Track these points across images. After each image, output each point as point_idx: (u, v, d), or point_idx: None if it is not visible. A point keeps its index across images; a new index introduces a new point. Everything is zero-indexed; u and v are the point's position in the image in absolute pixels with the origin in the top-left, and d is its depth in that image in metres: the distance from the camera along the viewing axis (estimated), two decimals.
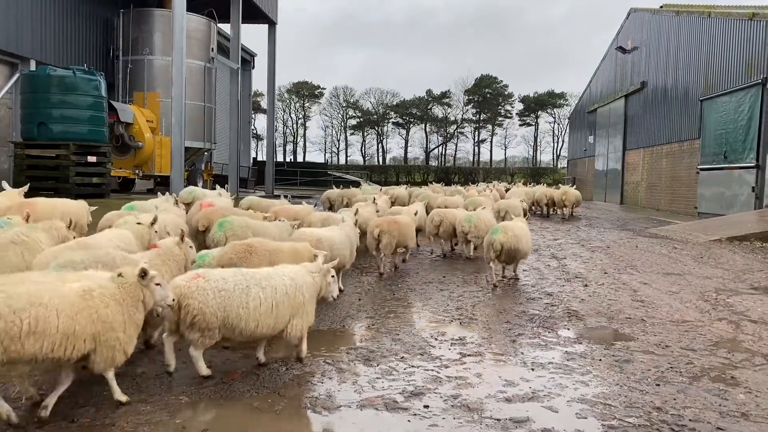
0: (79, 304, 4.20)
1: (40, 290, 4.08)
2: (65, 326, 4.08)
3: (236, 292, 5.04)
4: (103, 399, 4.77)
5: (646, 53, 32.66)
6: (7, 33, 20.75)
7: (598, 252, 14.03)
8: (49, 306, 4.03)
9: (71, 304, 4.16)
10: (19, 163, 18.13)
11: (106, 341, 4.34)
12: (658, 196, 29.88)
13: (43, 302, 4.02)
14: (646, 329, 7.35)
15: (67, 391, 4.52)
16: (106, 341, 4.34)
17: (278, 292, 5.23)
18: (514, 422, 4.62)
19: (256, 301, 5.09)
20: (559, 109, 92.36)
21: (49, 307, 4.03)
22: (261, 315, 5.10)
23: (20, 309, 3.90)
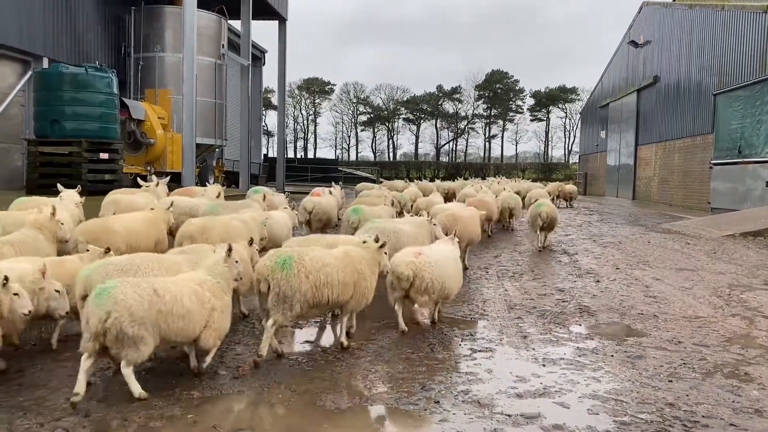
0: (345, 262, 5.87)
1: (324, 255, 5.81)
2: (342, 278, 5.76)
3: (443, 262, 6.82)
4: (117, 394, 4.80)
5: (659, 47, 32.38)
6: (20, 31, 20.90)
7: (610, 247, 13.95)
8: (332, 265, 5.72)
9: (343, 263, 5.86)
10: (33, 160, 18.25)
11: (360, 289, 5.98)
12: (671, 191, 29.67)
13: (328, 263, 5.72)
14: (659, 325, 7.30)
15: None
16: (360, 289, 5.98)
17: (455, 259, 7.19)
18: (525, 418, 4.61)
19: (454, 269, 7.03)
20: (571, 104, 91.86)
21: (332, 266, 5.72)
22: (452, 279, 6.92)
23: (317, 269, 5.59)
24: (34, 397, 4.72)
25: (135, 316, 4.47)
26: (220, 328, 5.10)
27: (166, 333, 4.68)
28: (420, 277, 6.48)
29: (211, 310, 5.00)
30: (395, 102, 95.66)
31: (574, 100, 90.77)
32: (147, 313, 4.52)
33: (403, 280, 6.51)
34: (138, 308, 4.50)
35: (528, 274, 10.53)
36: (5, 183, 20.56)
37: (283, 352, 5.90)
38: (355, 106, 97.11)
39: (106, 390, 4.89)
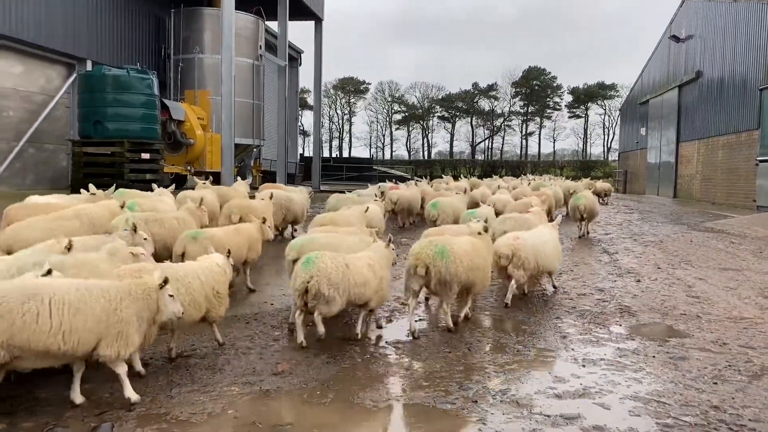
0: (475, 250, 6.89)
1: (464, 243, 6.87)
2: (477, 264, 6.82)
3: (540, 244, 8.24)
4: (158, 389, 4.91)
5: (701, 42, 31.59)
6: (65, 35, 21.49)
7: (651, 246, 13.68)
8: (472, 253, 6.84)
9: (474, 250, 6.86)
10: (77, 160, 18.75)
11: (486, 273, 7.13)
12: (714, 189, 28.92)
13: (469, 250, 6.79)
14: (702, 326, 7.14)
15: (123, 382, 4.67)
16: (486, 273, 7.13)
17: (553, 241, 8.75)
18: (565, 419, 4.55)
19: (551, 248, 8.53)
20: (610, 101, 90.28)
21: (472, 253, 6.84)
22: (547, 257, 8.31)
23: (465, 256, 6.71)
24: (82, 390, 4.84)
25: (331, 281, 5.79)
26: (385, 295, 6.55)
27: (350, 296, 5.96)
28: (517, 255, 7.85)
29: (381, 280, 6.26)
30: (430, 100, 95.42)
31: (613, 96, 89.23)
32: (340, 280, 5.83)
33: (503, 257, 7.85)
34: (334, 276, 5.80)
35: (567, 273, 10.40)
36: (51, 183, 21.17)
37: (305, 343, 5.95)
38: (390, 105, 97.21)
39: (148, 385, 4.99)
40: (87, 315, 4.30)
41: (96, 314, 4.34)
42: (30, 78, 21.18)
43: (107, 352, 4.41)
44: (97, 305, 4.37)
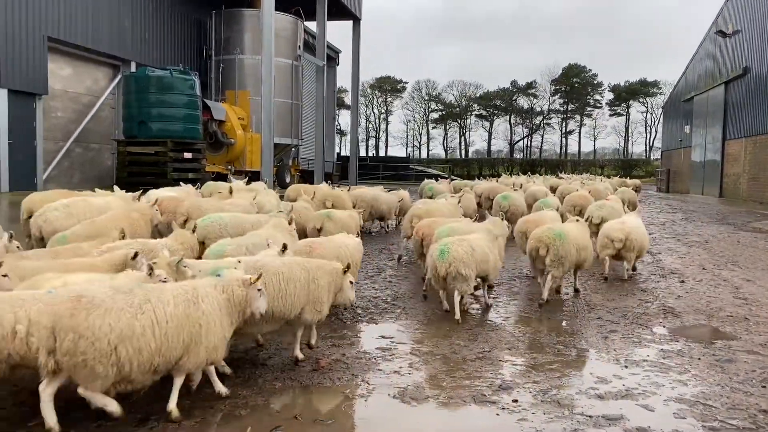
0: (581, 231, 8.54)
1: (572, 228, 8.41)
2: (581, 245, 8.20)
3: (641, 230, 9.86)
4: (203, 386, 5.01)
5: (749, 37, 30.67)
6: (110, 37, 22.08)
7: (695, 247, 13.37)
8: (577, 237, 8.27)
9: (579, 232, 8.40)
10: (122, 159, 19.26)
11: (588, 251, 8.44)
12: (762, 188, 28.06)
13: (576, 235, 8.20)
14: (750, 328, 6.95)
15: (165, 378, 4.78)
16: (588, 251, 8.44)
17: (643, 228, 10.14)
18: (607, 419, 4.50)
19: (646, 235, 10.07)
20: (652, 98, 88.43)
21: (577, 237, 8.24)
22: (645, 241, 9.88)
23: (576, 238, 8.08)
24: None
25: (465, 263, 6.98)
26: (498, 268, 7.75)
27: (478, 272, 7.22)
28: (629, 239, 9.20)
29: (496, 258, 7.54)
30: (467, 98, 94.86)
31: (655, 94, 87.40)
32: (470, 260, 7.04)
33: (616, 241, 9.19)
34: (467, 258, 7.01)
35: (608, 273, 10.24)
36: (96, 181, 21.78)
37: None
38: (427, 104, 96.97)
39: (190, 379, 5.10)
40: (297, 284, 5.26)
41: (302, 284, 5.29)
42: (77, 79, 21.83)
43: (308, 317, 5.38)
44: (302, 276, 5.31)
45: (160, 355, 4.04)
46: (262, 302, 4.72)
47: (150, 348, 3.98)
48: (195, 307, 4.28)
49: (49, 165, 20.49)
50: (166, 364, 4.14)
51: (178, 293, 4.28)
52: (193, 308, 4.27)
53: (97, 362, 3.79)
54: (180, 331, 4.13)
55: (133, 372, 3.94)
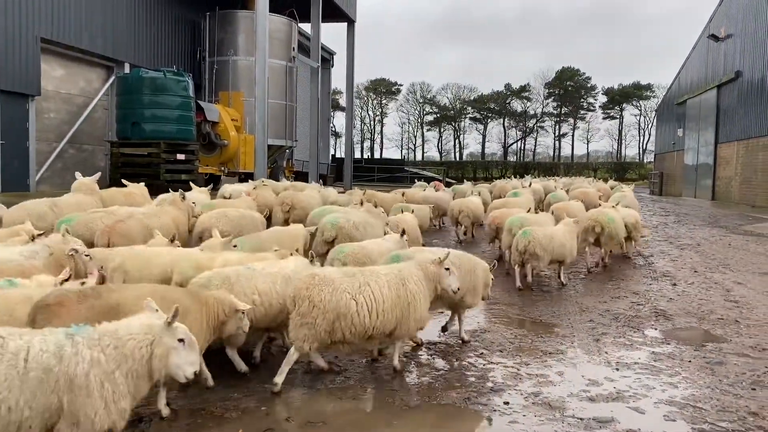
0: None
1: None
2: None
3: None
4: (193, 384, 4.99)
5: (741, 41, 30.84)
6: (104, 38, 22.01)
7: (687, 250, 13.42)
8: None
9: (619, 218, 10.74)
10: (115, 161, 19.18)
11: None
12: (754, 191, 28.20)
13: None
14: (741, 331, 6.99)
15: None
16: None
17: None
18: (598, 422, 4.51)
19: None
20: (646, 102, 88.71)
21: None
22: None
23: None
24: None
25: (542, 245, 8.68)
26: (574, 254, 9.41)
27: (553, 255, 8.88)
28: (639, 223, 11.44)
29: (572, 247, 9.27)
30: (462, 101, 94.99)
31: (648, 97, 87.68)
32: (548, 245, 8.74)
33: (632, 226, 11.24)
34: (545, 242, 8.72)
35: (601, 275, 10.28)
36: None
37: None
38: (422, 106, 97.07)
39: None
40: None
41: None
42: (70, 80, 21.75)
43: (469, 300, 6.28)
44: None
45: (375, 329, 4.98)
46: (452, 280, 5.45)
47: (365, 323, 4.91)
48: (404, 288, 5.15)
49: (42, 166, 20.40)
50: (381, 334, 5.12)
51: (390, 277, 5.16)
52: (402, 289, 5.14)
53: (319, 327, 4.77)
54: (393, 309, 5.05)
55: (347, 338, 4.93)
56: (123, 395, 3.31)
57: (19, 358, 3.10)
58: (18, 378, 3.06)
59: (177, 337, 3.50)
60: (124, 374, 3.31)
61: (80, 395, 3.15)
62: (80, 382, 3.15)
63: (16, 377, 3.06)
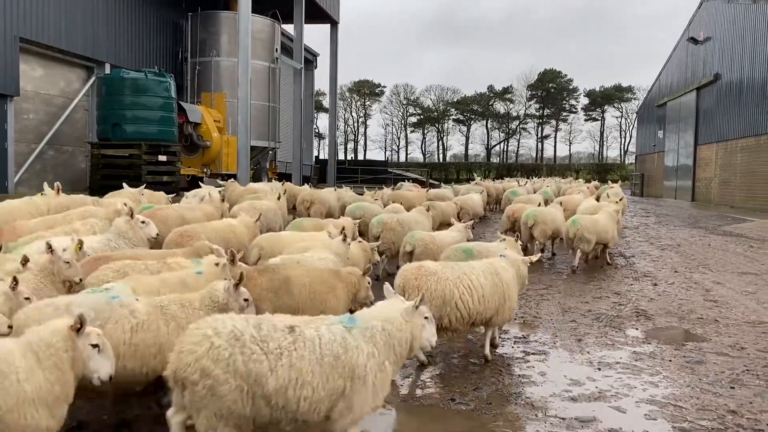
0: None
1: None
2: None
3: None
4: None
5: (720, 44, 31.28)
6: (84, 38, 21.77)
7: (668, 250, 13.57)
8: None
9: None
10: (95, 162, 18.97)
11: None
12: (733, 192, 28.60)
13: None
14: (720, 330, 7.07)
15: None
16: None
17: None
18: (580, 422, 4.54)
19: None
20: (627, 104, 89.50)
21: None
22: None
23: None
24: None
25: (590, 230, 10.29)
26: (616, 239, 11.23)
27: (599, 239, 10.49)
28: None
29: (613, 231, 10.91)
30: (445, 103, 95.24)
31: (630, 99, 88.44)
32: (595, 229, 10.36)
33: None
34: (591, 228, 10.33)
35: (582, 276, 10.35)
36: (70, 185, 21.32)
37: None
38: (405, 108, 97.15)
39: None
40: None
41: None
42: (50, 81, 21.48)
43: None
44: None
45: (478, 314, 5.59)
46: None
47: (467, 308, 5.53)
48: (498, 277, 5.77)
49: (21, 168, 20.12)
50: (482, 320, 5.73)
51: (484, 268, 5.81)
52: (497, 278, 5.76)
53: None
54: (492, 296, 5.65)
55: (453, 325, 5.55)
56: (386, 384, 3.71)
57: (315, 345, 3.48)
58: (317, 363, 3.43)
59: (423, 316, 4.02)
60: (391, 363, 3.73)
61: (358, 383, 3.51)
62: (360, 372, 3.53)
63: (316, 362, 3.43)
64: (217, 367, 3.23)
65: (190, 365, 3.26)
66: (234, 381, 3.24)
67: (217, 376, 3.23)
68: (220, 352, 3.27)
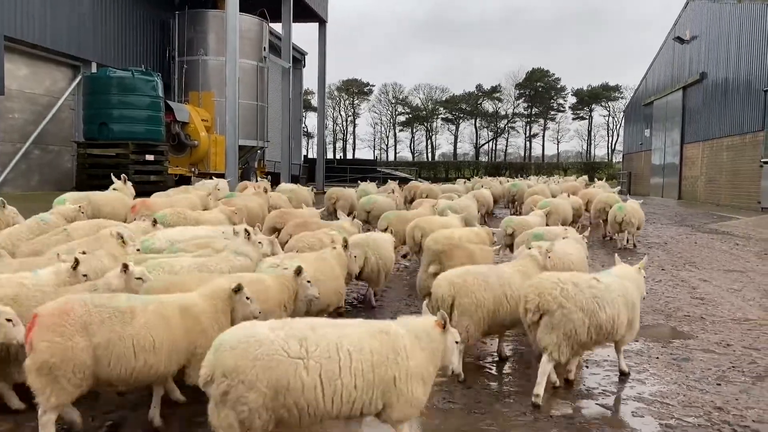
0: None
1: None
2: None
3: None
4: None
5: (706, 43, 31.55)
6: (70, 37, 21.57)
7: (655, 248, 13.66)
8: None
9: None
10: (82, 162, 18.81)
11: None
12: (719, 190, 28.87)
13: None
14: (706, 327, 7.13)
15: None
16: None
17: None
18: (567, 419, 4.56)
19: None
20: (614, 102, 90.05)
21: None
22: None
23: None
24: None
25: (636, 217, 13.03)
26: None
27: (638, 224, 13.17)
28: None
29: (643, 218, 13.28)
30: (434, 102, 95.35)
31: (617, 98, 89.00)
32: (638, 218, 13.08)
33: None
34: (637, 215, 13.04)
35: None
36: (56, 184, 21.23)
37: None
38: (394, 107, 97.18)
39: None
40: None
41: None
42: (35, 80, 21.27)
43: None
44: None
45: (612, 326, 5.11)
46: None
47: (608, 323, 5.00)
48: (626, 288, 5.48)
49: (6, 167, 19.91)
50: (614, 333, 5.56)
51: (610, 281, 5.48)
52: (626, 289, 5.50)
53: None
54: (625, 307, 5.30)
55: (594, 339, 5.05)
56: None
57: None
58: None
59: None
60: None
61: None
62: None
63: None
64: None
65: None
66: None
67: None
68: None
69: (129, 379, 3.95)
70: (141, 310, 4.02)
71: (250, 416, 3.30)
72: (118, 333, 3.87)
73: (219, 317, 4.33)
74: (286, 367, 3.32)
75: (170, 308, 4.16)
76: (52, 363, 3.68)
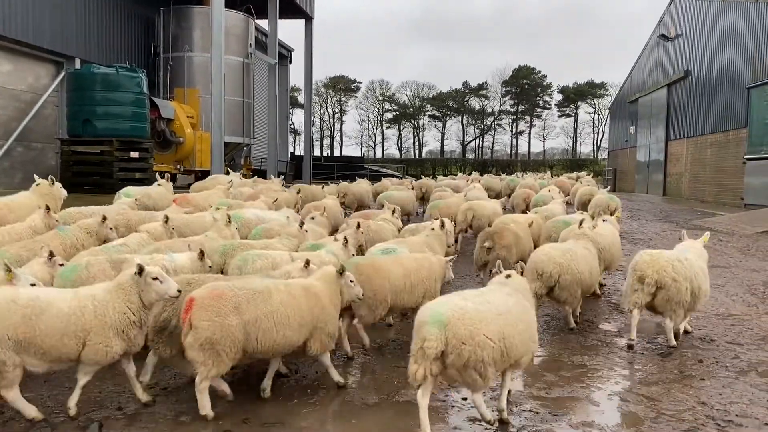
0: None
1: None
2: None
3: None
4: (148, 388, 4.89)
5: (690, 41, 31.77)
6: (53, 33, 21.33)
7: (640, 244, 13.74)
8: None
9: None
10: (66, 159, 18.63)
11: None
12: (703, 187, 29.12)
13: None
14: (690, 323, 7.18)
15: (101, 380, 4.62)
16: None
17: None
18: (553, 415, 4.58)
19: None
20: (600, 100, 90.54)
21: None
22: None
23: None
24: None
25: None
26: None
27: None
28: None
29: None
30: (421, 99, 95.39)
31: (602, 95, 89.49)
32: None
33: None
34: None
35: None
36: None
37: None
38: (381, 104, 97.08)
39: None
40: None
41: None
42: (18, 76, 21.02)
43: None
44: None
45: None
46: None
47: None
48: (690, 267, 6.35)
49: None
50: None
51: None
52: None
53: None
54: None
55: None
56: None
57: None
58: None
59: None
60: None
61: None
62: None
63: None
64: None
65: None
66: None
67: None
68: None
69: (271, 350, 4.53)
70: (275, 290, 4.57)
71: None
72: (262, 310, 4.42)
73: (333, 297, 4.93)
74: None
75: (296, 289, 4.73)
76: (214, 339, 4.24)
